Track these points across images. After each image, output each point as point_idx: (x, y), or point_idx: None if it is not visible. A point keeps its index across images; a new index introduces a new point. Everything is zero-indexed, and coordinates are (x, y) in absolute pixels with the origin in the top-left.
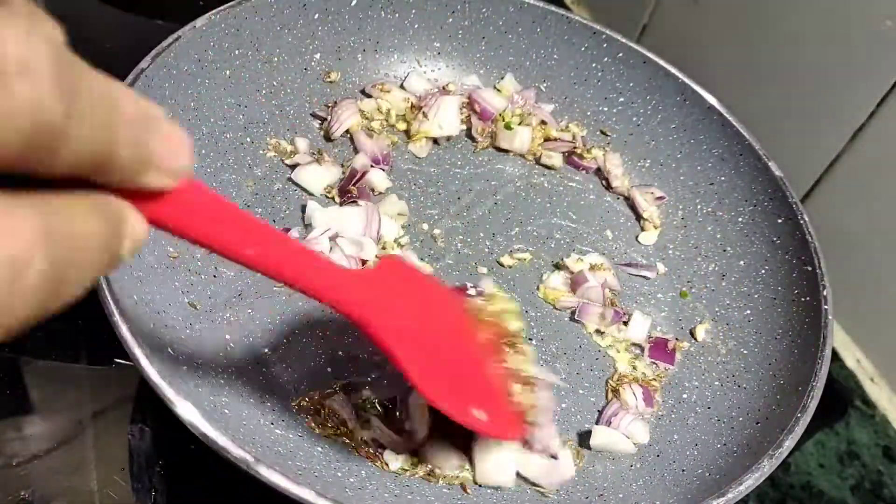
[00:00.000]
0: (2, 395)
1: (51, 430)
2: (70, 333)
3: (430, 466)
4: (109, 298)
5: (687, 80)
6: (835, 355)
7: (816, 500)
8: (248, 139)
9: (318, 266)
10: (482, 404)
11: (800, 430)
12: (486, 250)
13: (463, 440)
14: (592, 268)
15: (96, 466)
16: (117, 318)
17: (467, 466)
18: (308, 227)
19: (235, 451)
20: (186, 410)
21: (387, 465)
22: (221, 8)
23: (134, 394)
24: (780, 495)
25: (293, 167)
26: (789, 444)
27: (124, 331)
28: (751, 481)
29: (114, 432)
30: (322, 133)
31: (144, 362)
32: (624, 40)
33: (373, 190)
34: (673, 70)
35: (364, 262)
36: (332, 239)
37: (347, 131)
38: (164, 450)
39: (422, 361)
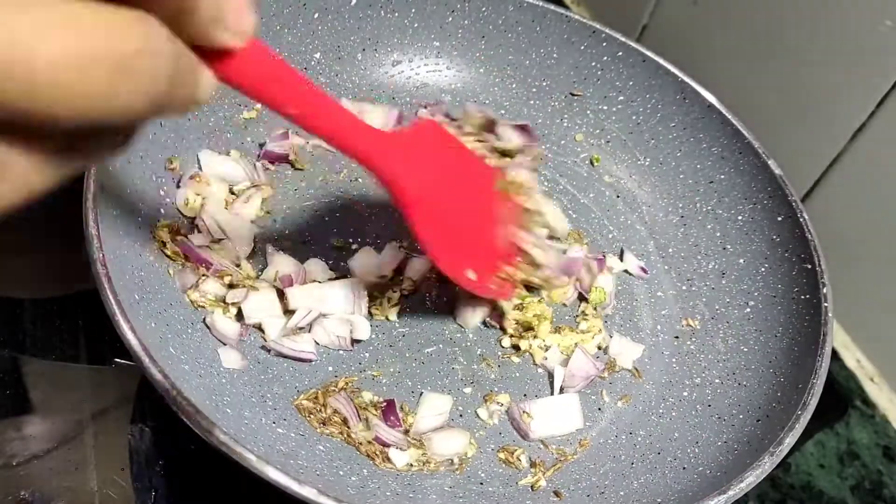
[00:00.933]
0: (2, 395)
1: (51, 430)
2: (70, 333)
3: (433, 456)
4: (111, 297)
5: (686, 79)
6: (835, 355)
7: (816, 500)
8: (249, 138)
9: (353, 125)
10: (479, 266)
11: (800, 427)
12: None
13: None
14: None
15: (96, 466)
16: (119, 317)
17: (466, 454)
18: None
19: (238, 450)
20: (180, 402)
21: (392, 463)
22: None
23: (134, 394)
24: (780, 495)
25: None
26: (790, 441)
27: (126, 329)
28: (752, 478)
29: (114, 432)
30: None
31: (146, 361)
32: (623, 39)
33: None
34: (672, 68)
35: (356, 342)
36: (316, 320)
37: None
38: (164, 450)
39: (433, 220)
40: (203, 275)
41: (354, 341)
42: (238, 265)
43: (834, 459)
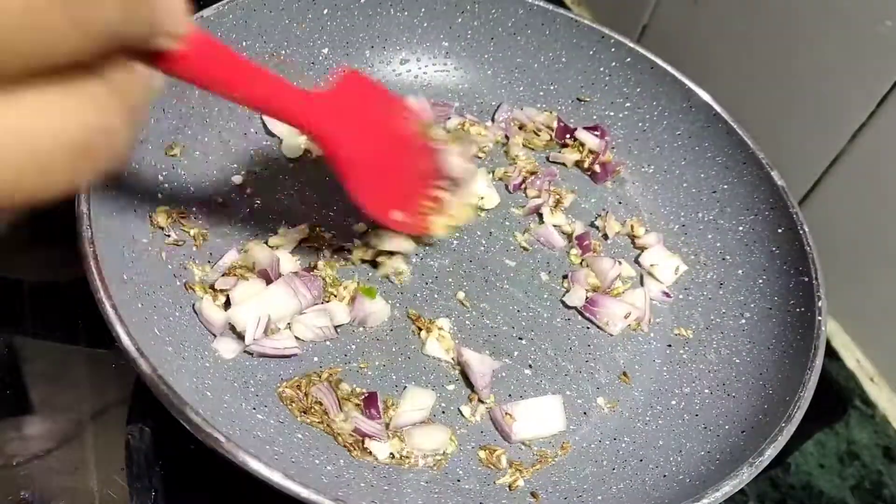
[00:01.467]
0: (2, 395)
1: (51, 430)
2: (70, 315)
3: (412, 451)
4: (95, 273)
5: (693, 87)
6: (835, 355)
7: (816, 500)
8: (252, 129)
9: (286, 93)
10: (404, 207)
11: (783, 439)
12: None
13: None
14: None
15: (96, 466)
16: (101, 293)
17: (445, 450)
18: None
19: (208, 430)
20: (162, 386)
21: (372, 454)
22: None
23: (132, 393)
24: (780, 495)
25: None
26: (771, 452)
27: (107, 306)
28: (728, 488)
29: (114, 432)
30: None
31: (124, 338)
32: (632, 45)
33: None
34: (680, 76)
35: (339, 327)
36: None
37: None
38: (164, 450)
39: (361, 170)
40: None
41: (337, 327)
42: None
43: (834, 459)
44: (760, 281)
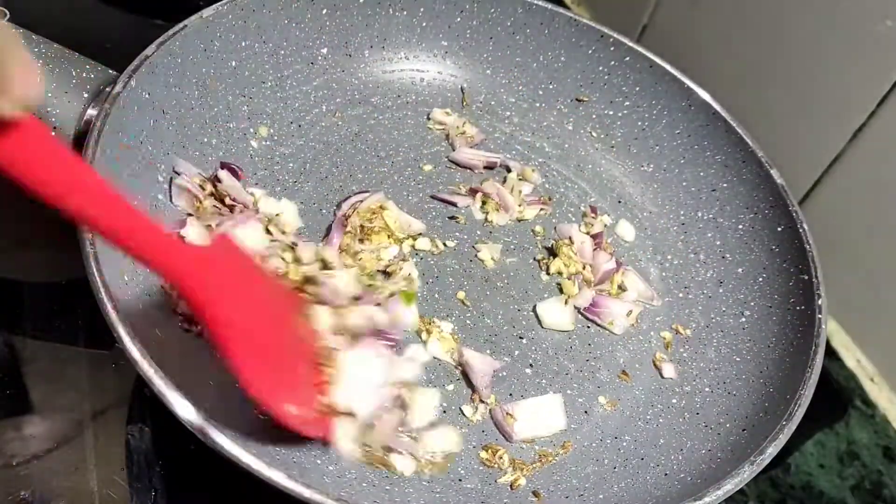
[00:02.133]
0: (2, 395)
1: (51, 430)
2: (70, 316)
3: (423, 454)
4: (96, 275)
5: (693, 86)
6: (835, 355)
7: (816, 500)
8: (252, 129)
9: (155, 231)
10: (298, 401)
11: (784, 437)
12: None
13: None
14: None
15: (96, 466)
16: (102, 293)
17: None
18: None
19: (209, 431)
20: (162, 386)
21: (399, 470)
22: None
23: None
24: (780, 495)
25: None
26: (772, 451)
27: (108, 308)
28: (729, 486)
29: (114, 432)
30: None
31: (126, 339)
32: (631, 44)
33: None
34: (679, 75)
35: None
36: None
37: None
38: (164, 450)
39: (247, 346)
40: None
41: None
42: None
43: (834, 459)
44: (760, 279)
